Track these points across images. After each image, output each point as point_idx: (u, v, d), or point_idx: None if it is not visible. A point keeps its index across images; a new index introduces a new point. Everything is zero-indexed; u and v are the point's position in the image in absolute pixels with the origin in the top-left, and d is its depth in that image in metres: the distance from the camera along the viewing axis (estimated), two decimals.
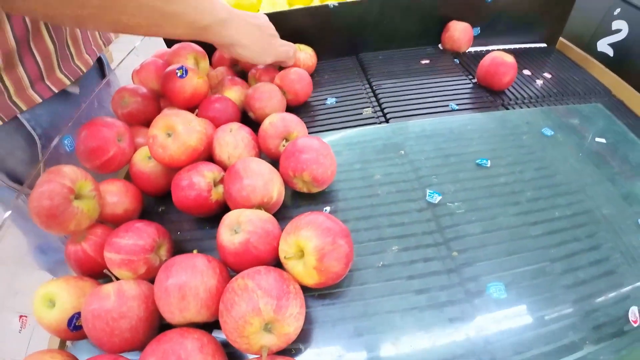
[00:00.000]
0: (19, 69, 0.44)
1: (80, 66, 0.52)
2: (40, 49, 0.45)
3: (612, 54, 0.78)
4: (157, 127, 0.36)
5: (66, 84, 0.50)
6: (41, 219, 0.32)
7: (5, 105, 0.44)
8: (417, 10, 0.70)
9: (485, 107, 0.56)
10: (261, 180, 0.33)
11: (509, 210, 0.38)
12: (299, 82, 0.53)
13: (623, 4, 0.75)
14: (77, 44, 0.52)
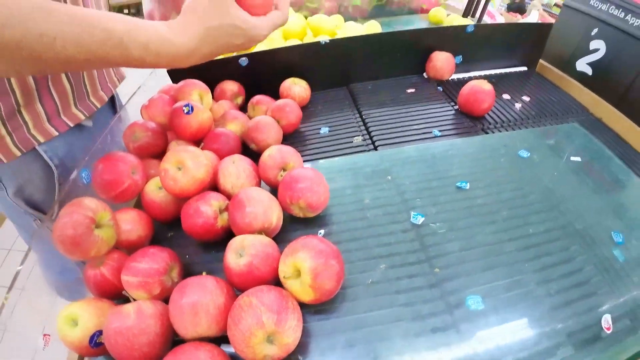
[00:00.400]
0: (37, 106, 0.48)
1: (95, 102, 0.57)
2: (58, 89, 0.50)
3: (591, 72, 0.83)
4: (168, 162, 0.41)
5: (81, 118, 0.54)
6: (65, 246, 0.36)
7: (24, 138, 0.48)
8: (403, 43, 0.76)
9: (465, 132, 0.62)
10: (262, 207, 0.38)
11: (485, 229, 0.43)
12: (292, 112, 0.59)
13: (600, 23, 0.80)
14: (93, 82, 0.57)
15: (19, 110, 0.47)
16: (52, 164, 0.52)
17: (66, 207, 0.37)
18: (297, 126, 0.61)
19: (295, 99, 0.66)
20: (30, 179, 0.53)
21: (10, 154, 0.48)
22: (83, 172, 0.47)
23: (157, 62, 0.35)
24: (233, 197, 0.40)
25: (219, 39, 0.36)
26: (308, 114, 0.68)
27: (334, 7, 1.24)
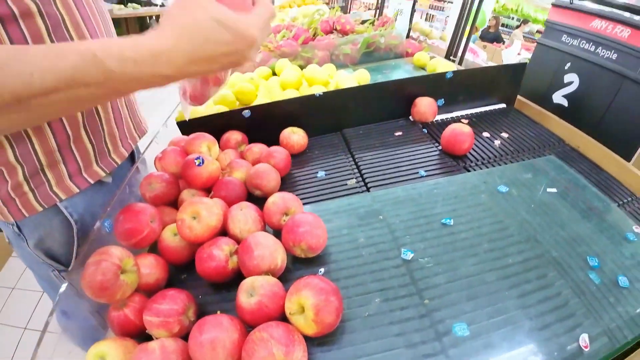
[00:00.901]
0: (60, 166, 0.51)
1: (116, 159, 0.60)
2: (79, 149, 0.53)
3: (567, 104, 0.91)
4: (185, 212, 0.47)
5: (101, 175, 0.57)
6: (93, 291, 0.40)
7: (46, 195, 0.51)
8: (389, 91, 0.85)
9: (449, 171, 0.68)
10: (268, 251, 0.43)
11: (468, 261, 0.47)
12: (282, 160, 0.66)
13: (573, 57, 0.89)
14: (115, 140, 0.59)
15: (42, 169, 0.50)
16: (72, 219, 0.55)
17: (94, 255, 0.42)
18: (288, 170, 0.68)
19: (294, 146, 0.73)
20: (50, 232, 0.56)
21: (32, 209, 0.51)
22: (105, 222, 0.52)
23: (140, 71, 0.32)
24: (242, 242, 0.45)
25: (197, 35, 0.33)
26: (306, 158, 0.75)
27: (326, 56, 1.36)
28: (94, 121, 0.54)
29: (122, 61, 0.31)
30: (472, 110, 0.94)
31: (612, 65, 0.79)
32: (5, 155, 0.46)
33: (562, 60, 0.91)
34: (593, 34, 0.84)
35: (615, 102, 0.79)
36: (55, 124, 0.48)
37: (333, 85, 1.05)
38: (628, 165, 0.72)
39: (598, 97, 0.83)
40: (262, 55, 1.34)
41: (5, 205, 0.50)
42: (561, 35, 0.92)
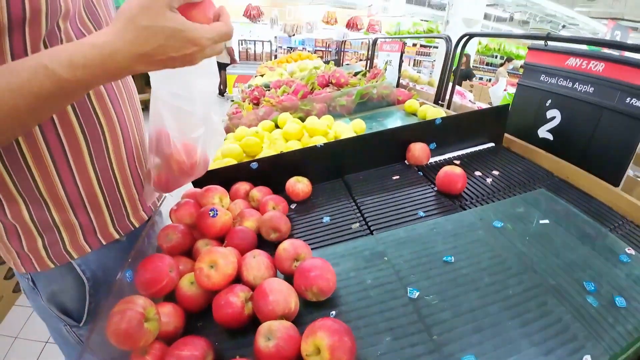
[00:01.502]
0: (75, 226, 0.53)
1: (135, 222, 0.62)
2: (94, 210, 0.55)
3: (552, 138, 0.97)
4: (203, 262, 0.50)
5: (116, 237, 0.59)
6: (118, 338, 0.42)
7: (59, 254, 0.53)
8: (385, 139, 0.92)
9: (446, 210, 0.72)
10: (282, 296, 0.46)
11: (471, 295, 0.50)
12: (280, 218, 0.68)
13: (553, 94, 0.96)
14: (134, 203, 0.61)
15: (57, 229, 0.52)
16: (84, 277, 0.57)
17: (119, 304, 0.45)
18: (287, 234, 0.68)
19: (299, 194, 0.78)
20: (63, 288, 0.57)
21: (45, 265, 0.53)
22: (127, 273, 0.55)
23: (92, 74, 0.34)
24: (257, 288, 0.48)
25: (153, 39, 0.35)
26: (311, 205, 0.79)
27: (324, 107, 1.47)
28: (109, 180, 0.56)
29: (72, 68, 0.33)
30: (463, 151, 1.00)
31: (591, 98, 0.86)
32: (20, 214, 0.49)
33: (543, 97, 0.98)
34: (569, 71, 0.91)
35: (598, 132, 0.84)
36: (68, 184, 0.51)
37: (332, 135, 1.13)
38: (616, 191, 0.77)
39: (581, 129, 0.88)
40: (265, 110, 1.45)
41: (19, 258, 0.53)
42: (539, 75, 1.00)
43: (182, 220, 0.67)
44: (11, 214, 0.49)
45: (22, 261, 0.53)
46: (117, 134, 0.55)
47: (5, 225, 0.50)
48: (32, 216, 0.50)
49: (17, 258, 0.53)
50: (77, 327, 0.59)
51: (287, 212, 0.76)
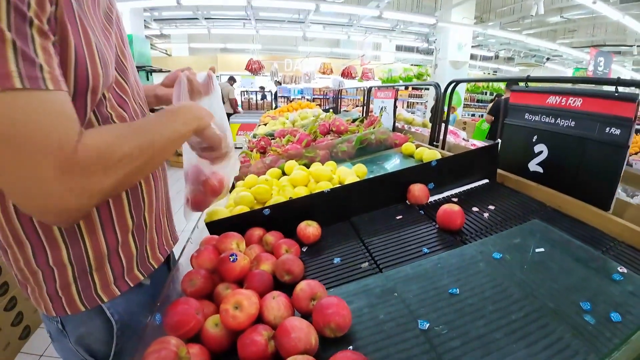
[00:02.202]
0: (107, 269, 0.59)
1: (154, 263, 0.68)
2: (125, 254, 0.62)
3: (542, 171, 1.03)
4: (228, 303, 0.55)
5: (140, 279, 0.65)
6: None
7: (91, 297, 0.58)
8: (386, 182, 0.99)
9: (448, 246, 0.77)
10: (303, 333, 0.50)
11: (477, 323, 0.53)
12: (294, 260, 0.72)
13: (538, 131, 1.04)
14: (153, 246, 0.68)
15: (90, 272, 0.57)
16: (113, 320, 0.61)
17: (154, 345, 0.49)
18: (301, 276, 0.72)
19: (310, 237, 0.84)
20: (92, 331, 0.61)
21: (76, 308, 0.58)
22: (157, 316, 0.59)
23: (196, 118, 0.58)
24: (280, 327, 0.52)
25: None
26: (322, 247, 0.84)
27: (326, 154, 1.57)
28: (141, 228, 0.64)
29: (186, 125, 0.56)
30: (460, 189, 1.07)
31: (573, 131, 0.94)
32: (60, 255, 0.55)
33: (529, 134, 1.07)
34: (550, 108, 1.01)
35: (584, 161, 0.91)
36: (108, 229, 0.58)
37: (336, 179, 1.21)
38: (606, 215, 0.82)
39: (568, 160, 0.96)
40: (272, 158, 1.55)
41: (51, 301, 0.57)
42: (524, 114, 1.10)
43: (203, 266, 0.72)
44: (52, 259, 0.55)
45: (54, 305, 0.57)
46: (151, 187, 0.65)
47: (44, 271, 0.56)
48: (71, 260, 0.56)
49: (50, 302, 0.57)
50: None
51: (299, 254, 0.81)
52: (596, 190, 0.88)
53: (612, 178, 0.85)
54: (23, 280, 0.58)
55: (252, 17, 7.27)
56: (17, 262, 0.55)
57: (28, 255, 0.54)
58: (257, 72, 8.61)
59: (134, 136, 0.49)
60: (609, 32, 8.71)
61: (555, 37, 10.01)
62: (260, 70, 8.62)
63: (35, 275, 0.56)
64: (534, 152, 1.07)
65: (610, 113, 0.86)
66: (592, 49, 7.40)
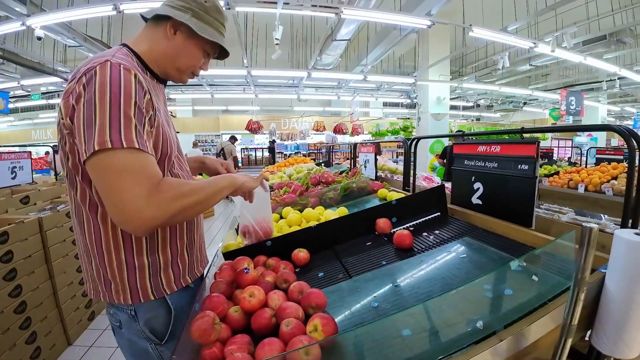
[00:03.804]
0: (170, 272, 0.90)
1: (197, 272, 0.99)
2: (182, 262, 0.92)
3: (481, 202, 1.35)
4: (245, 293, 0.84)
5: (189, 282, 0.95)
6: (197, 332, 0.73)
7: (159, 290, 0.87)
8: (359, 219, 1.31)
9: (400, 259, 1.07)
10: (294, 309, 0.78)
11: (409, 300, 0.82)
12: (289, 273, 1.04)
13: (474, 173, 1.37)
14: (198, 260, 1.00)
15: (159, 273, 0.88)
16: (172, 307, 0.90)
17: (199, 316, 0.77)
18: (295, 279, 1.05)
19: (301, 260, 1.13)
20: (157, 315, 0.89)
21: (148, 297, 0.86)
22: (197, 305, 0.88)
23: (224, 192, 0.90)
24: (279, 307, 0.80)
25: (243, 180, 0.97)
26: (310, 267, 1.14)
27: (316, 201, 1.90)
28: (192, 245, 0.98)
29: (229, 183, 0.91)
30: (417, 221, 1.39)
31: (497, 170, 1.26)
32: (142, 260, 0.85)
33: (469, 175, 1.40)
34: (480, 155, 1.35)
35: (507, 193, 1.22)
36: (172, 243, 0.91)
37: (323, 219, 1.53)
38: (521, 229, 1.10)
39: (496, 193, 1.27)
40: (272, 205, 1.88)
41: (130, 293, 0.85)
42: (463, 160, 1.45)
43: (224, 278, 1.01)
44: (137, 262, 0.85)
45: (132, 295, 0.85)
46: (198, 220, 1.01)
47: (129, 270, 0.84)
48: (149, 264, 0.86)
49: (129, 293, 0.85)
50: (159, 345, 0.89)
51: (293, 271, 1.09)
52: (519, 213, 1.17)
53: (528, 202, 1.14)
54: (110, 279, 0.85)
55: (252, 83, 8.11)
56: (112, 264, 0.84)
57: (122, 258, 0.84)
58: (256, 131, 9.30)
59: (196, 185, 0.82)
60: (581, 72, 9.37)
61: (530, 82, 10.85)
62: (259, 130, 9.32)
63: (122, 273, 0.84)
64: (474, 189, 1.40)
65: (519, 154, 1.18)
66: (563, 90, 7.97)
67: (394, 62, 9.75)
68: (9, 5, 3.23)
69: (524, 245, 1.08)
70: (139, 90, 0.74)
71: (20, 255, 2.04)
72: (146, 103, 0.76)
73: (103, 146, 0.67)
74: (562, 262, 0.88)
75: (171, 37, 0.88)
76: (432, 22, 3.55)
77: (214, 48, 0.94)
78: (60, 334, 2.35)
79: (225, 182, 0.90)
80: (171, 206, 0.73)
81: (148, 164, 0.73)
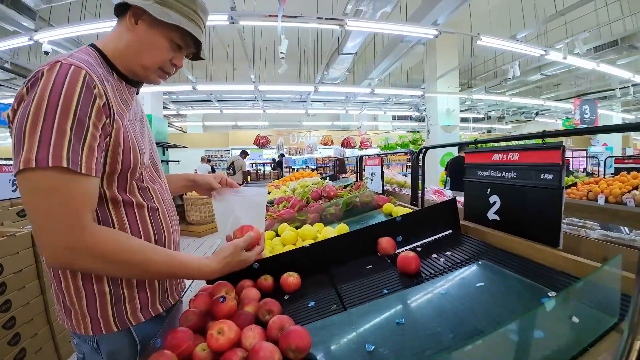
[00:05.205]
0: (136, 300, 0.79)
1: (171, 300, 0.89)
2: (151, 290, 0.82)
3: (499, 218, 1.17)
4: (213, 329, 0.69)
5: (160, 311, 0.84)
6: None
7: (123, 321, 0.77)
8: (359, 238, 1.16)
9: (405, 286, 0.91)
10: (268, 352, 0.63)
11: (413, 344, 0.66)
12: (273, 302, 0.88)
13: (489, 184, 1.20)
14: (171, 287, 0.89)
15: (123, 300, 0.78)
16: (137, 340, 0.80)
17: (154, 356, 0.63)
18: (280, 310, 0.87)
19: (291, 285, 0.99)
20: (121, 348, 0.79)
21: (110, 329, 0.76)
22: (157, 341, 0.74)
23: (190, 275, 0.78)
24: (251, 348, 0.66)
25: (230, 265, 0.80)
26: (301, 294, 0.98)
27: (316, 217, 1.75)
28: None
29: (186, 274, 0.78)
30: (426, 240, 1.22)
31: (516, 181, 1.10)
32: (102, 286, 0.75)
33: (484, 187, 1.23)
34: (496, 164, 1.19)
35: (528, 207, 1.05)
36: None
37: (321, 238, 1.38)
38: (547, 249, 0.94)
39: (516, 207, 1.10)
40: (268, 222, 1.74)
41: (91, 323, 0.75)
42: (477, 171, 1.28)
43: (199, 307, 0.87)
44: (97, 289, 0.75)
45: (93, 325, 0.75)
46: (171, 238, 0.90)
47: (88, 297, 0.75)
48: (111, 290, 0.76)
49: (90, 323, 0.75)
50: None
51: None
52: (544, 230, 1.00)
53: (554, 217, 0.97)
54: (69, 305, 0.75)
55: (260, 98, 8.14)
56: (69, 289, 0.75)
57: (78, 284, 0.74)
58: (264, 146, 9.29)
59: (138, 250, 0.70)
60: (593, 80, 9.14)
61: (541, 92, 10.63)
62: (267, 144, 9.31)
63: (81, 300, 0.75)
64: (490, 203, 1.22)
65: (541, 162, 1.01)
66: (576, 99, 7.78)
67: (401, 76, 9.70)
68: (17, 20, 3.29)
69: (551, 270, 0.91)
70: (85, 96, 0.66)
71: (10, 269, 1.98)
72: (96, 111, 0.67)
73: (27, 165, 0.60)
74: (605, 292, 0.72)
75: (132, 28, 0.78)
76: (439, 31, 3.45)
77: (185, 38, 0.82)
78: (52, 352, 2.24)
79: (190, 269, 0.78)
80: (89, 263, 0.66)
81: (78, 191, 0.64)
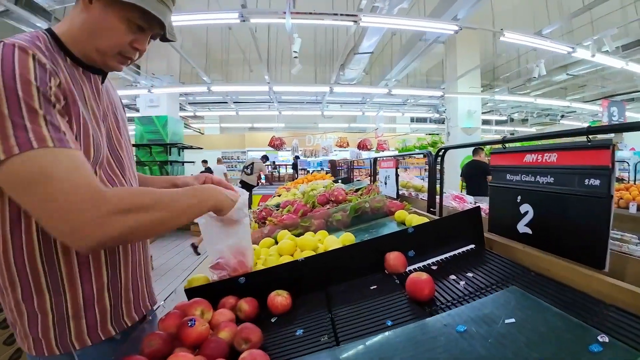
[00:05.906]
0: (82, 320, 0.68)
1: (127, 322, 0.76)
2: (100, 308, 0.70)
3: (531, 232, 0.97)
4: None
5: (112, 334, 0.72)
6: None
7: (65, 344, 0.67)
8: (363, 251, 1.00)
9: (414, 317, 0.74)
10: None
11: None
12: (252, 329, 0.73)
13: (520, 191, 1.00)
14: (129, 305, 0.77)
15: (67, 317, 0.67)
16: None
17: None
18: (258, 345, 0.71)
19: (278, 307, 0.84)
20: None
21: (52, 351, 0.66)
22: None
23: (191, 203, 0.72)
24: None
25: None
26: (290, 318, 0.83)
27: (321, 223, 1.60)
28: (116, 285, 0.74)
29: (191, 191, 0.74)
30: (444, 256, 1.04)
31: (553, 187, 0.90)
32: (44, 302, 0.65)
33: (513, 194, 1.03)
34: (528, 167, 0.99)
35: (568, 218, 0.85)
36: (86, 283, 0.68)
37: (322, 248, 1.23)
38: (593, 274, 0.76)
39: (553, 218, 0.90)
40: (269, 228, 1.60)
41: (33, 343, 0.66)
42: (505, 175, 1.08)
43: (167, 330, 0.73)
44: (37, 304, 0.65)
45: (36, 346, 0.66)
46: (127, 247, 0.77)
47: (29, 315, 0.65)
48: (53, 307, 0.66)
49: (32, 343, 0.66)
50: None
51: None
52: (586, 249, 0.81)
53: (600, 233, 0.78)
54: (13, 321, 0.67)
55: (275, 100, 8.08)
56: (9, 304, 0.66)
57: (18, 298, 0.65)
58: (279, 147, 9.24)
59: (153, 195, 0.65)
60: (619, 82, 8.75)
61: (566, 94, 10.14)
62: (281, 146, 9.25)
63: (22, 318, 0.65)
64: (521, 213, 1.02)
65: (586, 164, 0.82)
66: (604, 101, 7.37)
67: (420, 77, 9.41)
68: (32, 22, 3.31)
69: (598, 302, 0.71)
70: (39, 73, 0.59)
71: None
72: (54, 88, 0.61)
73: (9, 153, 0.54)
74: None
75: (87, 8, 0.68)
76: (459, 27, 3.23)
77: (147, 18, 0.70)
78: None
79: (205, 194, 0.76)
80: (124, 221, 0.60)
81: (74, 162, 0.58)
